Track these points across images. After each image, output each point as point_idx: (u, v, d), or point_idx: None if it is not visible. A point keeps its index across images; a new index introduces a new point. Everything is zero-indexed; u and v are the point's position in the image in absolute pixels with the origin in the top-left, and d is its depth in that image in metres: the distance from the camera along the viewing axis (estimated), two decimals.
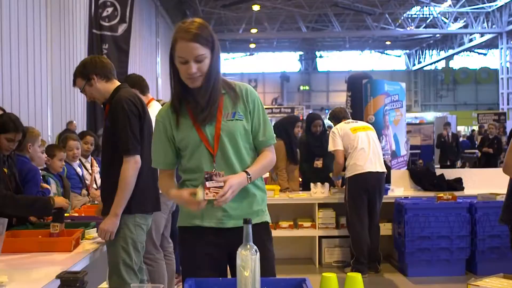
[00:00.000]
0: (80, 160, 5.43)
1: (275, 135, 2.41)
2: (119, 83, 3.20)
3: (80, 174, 5.11)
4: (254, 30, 24.94)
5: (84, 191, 5.00)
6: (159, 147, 2.34)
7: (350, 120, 6.15)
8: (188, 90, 2.25)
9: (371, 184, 5.76)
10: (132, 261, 3.00)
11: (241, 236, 1.82)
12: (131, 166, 2.93)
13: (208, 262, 2.27)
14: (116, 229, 2.97)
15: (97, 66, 3.11)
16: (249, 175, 2.23)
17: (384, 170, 5.87)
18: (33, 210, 3.18)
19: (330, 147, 5.95)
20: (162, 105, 4.52)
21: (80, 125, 7.88)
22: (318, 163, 6.68)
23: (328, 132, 7.18)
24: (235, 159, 2.26)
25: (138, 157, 2.96)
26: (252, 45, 30.97)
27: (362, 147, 5.78)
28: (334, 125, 6.16)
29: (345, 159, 5.90)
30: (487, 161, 12.40)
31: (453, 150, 13.61)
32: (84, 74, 3.12)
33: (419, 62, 32.63)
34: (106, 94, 3.13)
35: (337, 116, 6.18)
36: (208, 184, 2.17)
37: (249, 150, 2.32)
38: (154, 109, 4.21)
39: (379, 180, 5.83)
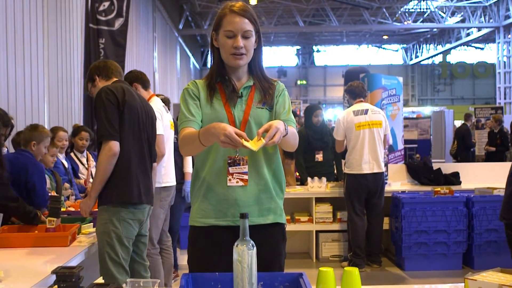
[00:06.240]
0: (75, 154, 5.43)
1: None
2: (116, 79, 3.27)
3: (67, 166, 5.08)
4: None
5: (66, 184, 4.93)
6: (192, 108, 2.21)
7: (362, 105, 5.95)
8: (227, 70, 2.25)
9: (369, 185, 5.78)
10: (118, 256, 2.98)
11: (260, 234, 1.78)
12: (105, 152, 2.96)
13: (223, 262, 2.03)
14: (89, 209, 3.10)
15: (99, 68, 3.35)
16: (285, 126, 2.06)
17: (382, 170, 5.85)
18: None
19: (334, 133, 6.02)
20: (162, 100, 4.56)
21: (77, 120, 7.86)
22: (319, 157, 6.69)
23: (328, 125, 7.19)
24: None
25: (113, 143, 2.96)
26: None
27: (361, 147, 5.76)
28: (350, 100, 6.07)
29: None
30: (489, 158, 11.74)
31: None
32: (89, 77, 3.37)
33: (416, 57, 32.56)
34: None
35: (354, 92, 6.01)
36: (231, 169, 2.11)
37: None
38: (154, 105, 4.23)
39: (377, 180, 5.82)
